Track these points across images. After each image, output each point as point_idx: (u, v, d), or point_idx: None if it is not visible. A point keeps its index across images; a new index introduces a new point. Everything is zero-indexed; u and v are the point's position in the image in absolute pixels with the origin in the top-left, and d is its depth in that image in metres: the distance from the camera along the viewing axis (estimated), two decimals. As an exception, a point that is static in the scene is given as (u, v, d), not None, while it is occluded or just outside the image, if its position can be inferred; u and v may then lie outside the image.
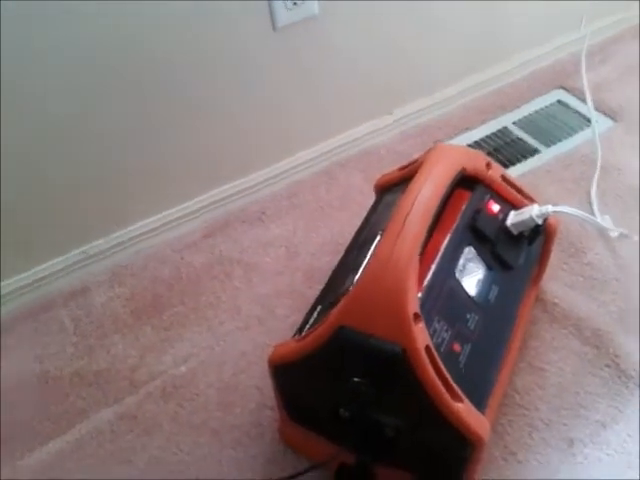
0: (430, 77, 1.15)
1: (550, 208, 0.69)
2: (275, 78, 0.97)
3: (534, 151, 1.09)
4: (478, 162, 0.71)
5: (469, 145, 1.11)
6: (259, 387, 0.79)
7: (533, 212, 0.69)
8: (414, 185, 0.64)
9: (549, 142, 1.10)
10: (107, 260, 0.98)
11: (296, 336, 0.66)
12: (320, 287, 0.72)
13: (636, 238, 0.88)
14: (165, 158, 0.95)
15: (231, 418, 0.77)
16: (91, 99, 0.83)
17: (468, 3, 1.07)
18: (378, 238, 0.65)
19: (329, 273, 0.73)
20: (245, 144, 1.02)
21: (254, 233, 1.00)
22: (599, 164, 0.99)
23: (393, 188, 0.77)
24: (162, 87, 0.87)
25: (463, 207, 0.69)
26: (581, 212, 0.72)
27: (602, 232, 0.92)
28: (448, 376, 0.57)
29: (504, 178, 0.73)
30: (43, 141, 0.83)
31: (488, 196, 0.71)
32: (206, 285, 0.93)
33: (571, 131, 1.12)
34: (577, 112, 1.15)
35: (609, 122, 1.12)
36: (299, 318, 0.69)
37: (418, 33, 1.07)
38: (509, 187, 0.73)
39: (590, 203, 0.96)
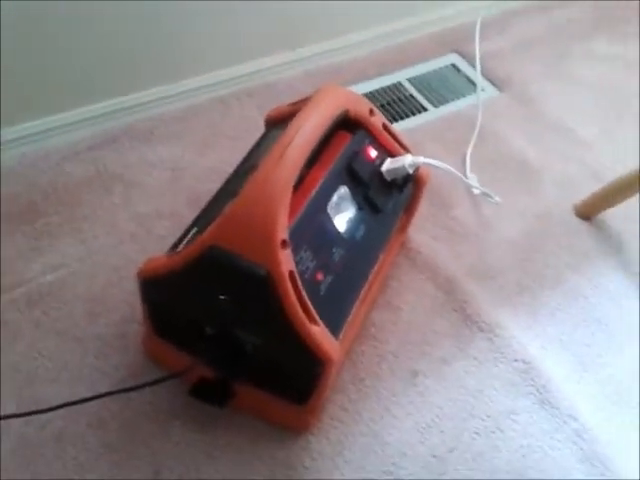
0: (337, 21, 1.16)
1: (421, 159, 0.75)
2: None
3: (423, 109, 1.14)
4: (362, 107, 0.74)
5: (364, 95, 1.14)
6: (128, 302, 0.79)
7: (406, 161, 0.74)
8: (297, 120, 0.66)
9: (438, 102, 1.16)
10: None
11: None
12: (201, 212, 0.73)
13: (497, 199, 0.96)
14: (59, 61, 0.91)
15: (96, 328, 0.78)
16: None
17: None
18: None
19: (211, 199, 0.74)
20: (143, 59, 0.99)
21: (141, 151, 0.98)
22: (477, 128, 1.06)
23: (281, 123, 0.79)
24: None
25: (343, 148, 0.72)
26: (447, 166, 0.77)
27: (469, 190, 1.00)
28: (307, 301, 0.61)
29: (385, 126, 0.77)
30: None
31: (367, 141, 0.75)
32: (84, 197, 0.91)
33: (459, 95, 1.18)
34: (467, 77, 1.21)
35: (495, 91, 1.20)
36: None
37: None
38: (388, 135, 0.77)
39: (464, 163, 1.03)
